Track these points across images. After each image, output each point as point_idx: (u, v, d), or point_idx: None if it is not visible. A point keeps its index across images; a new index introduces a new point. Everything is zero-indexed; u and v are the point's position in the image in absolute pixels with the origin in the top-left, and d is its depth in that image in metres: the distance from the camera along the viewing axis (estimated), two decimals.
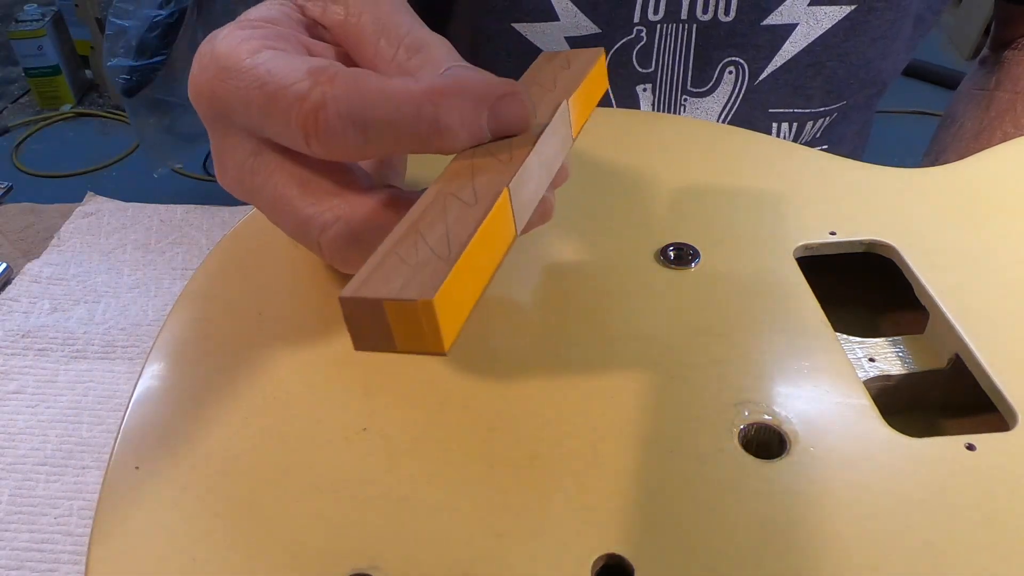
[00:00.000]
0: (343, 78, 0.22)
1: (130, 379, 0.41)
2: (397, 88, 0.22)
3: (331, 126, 0.22)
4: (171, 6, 1.88)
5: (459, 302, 0.18)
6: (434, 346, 0.17)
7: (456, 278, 0.17)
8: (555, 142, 0.23)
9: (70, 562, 0.33)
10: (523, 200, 0.21)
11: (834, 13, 0.46)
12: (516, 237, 0.20)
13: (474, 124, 0.22)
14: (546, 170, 0.23)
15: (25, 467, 0.37)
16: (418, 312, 0.17)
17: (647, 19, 0.46)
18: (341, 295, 0.17)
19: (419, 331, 0.17)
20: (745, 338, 0.29)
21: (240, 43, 0.24)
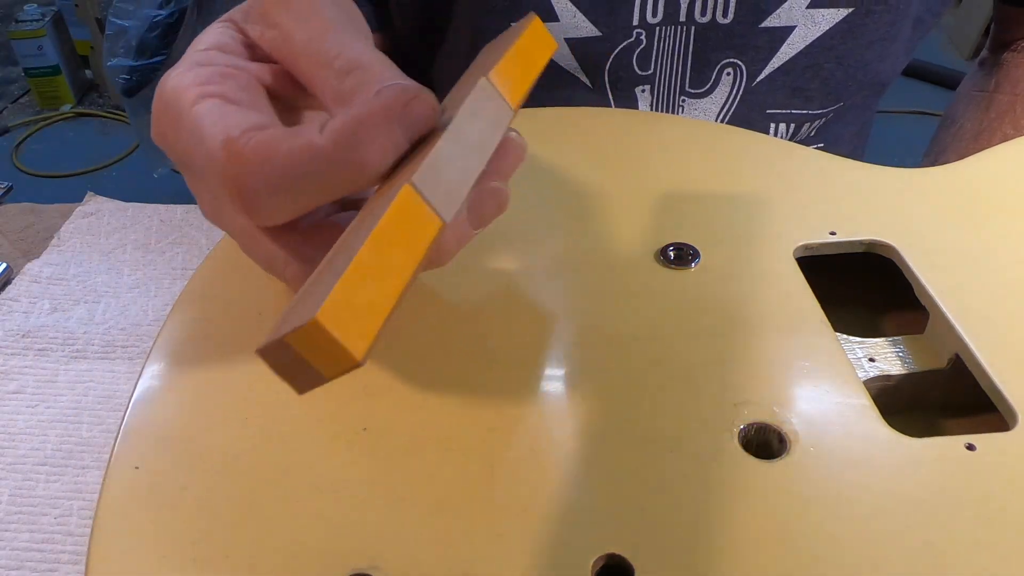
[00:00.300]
0: (253, 149, 0.22)
1: (130, 379, 0.41)
2: (304, 147, 0.21)
3: (251, 201, 0.22)
4: (171, 6, 1.88)
5: (361, 308, 0.17)
6: (347, 361, 0.17)
7: (348, 288, 0.17)
8: (479, 122, 0.22)
9: (70, 562, 0.33)
10: (444, 188, 0.20)
11: (832, 15, 0.46)
12: (444, 226, 0.20)
13: (390, 145, 0.21)
14: (475, 151, 0.22)
15: (25, 467, 0.37)
16: (313, 336, 0.17)
17: (646, 21, 0.46)
18: (257, 350, 0.18)
19: (327, 352, 0.17)
20: (745, 338, 0.29)
21: (184, 90, 0.24)
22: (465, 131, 0.22)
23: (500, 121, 0.23)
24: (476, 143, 0.22)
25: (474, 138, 0.22)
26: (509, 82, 0.24)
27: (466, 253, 0.32)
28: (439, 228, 0.20)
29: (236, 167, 0.22)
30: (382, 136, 0.21)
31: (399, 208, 0.19)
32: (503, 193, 0.24)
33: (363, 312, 0.17)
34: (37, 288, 0.47)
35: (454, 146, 0.21)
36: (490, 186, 0.23)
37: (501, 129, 0.23)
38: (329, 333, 0.17)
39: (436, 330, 0.29)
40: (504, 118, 0.23)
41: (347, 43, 0.24)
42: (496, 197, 0.24)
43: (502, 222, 0.34)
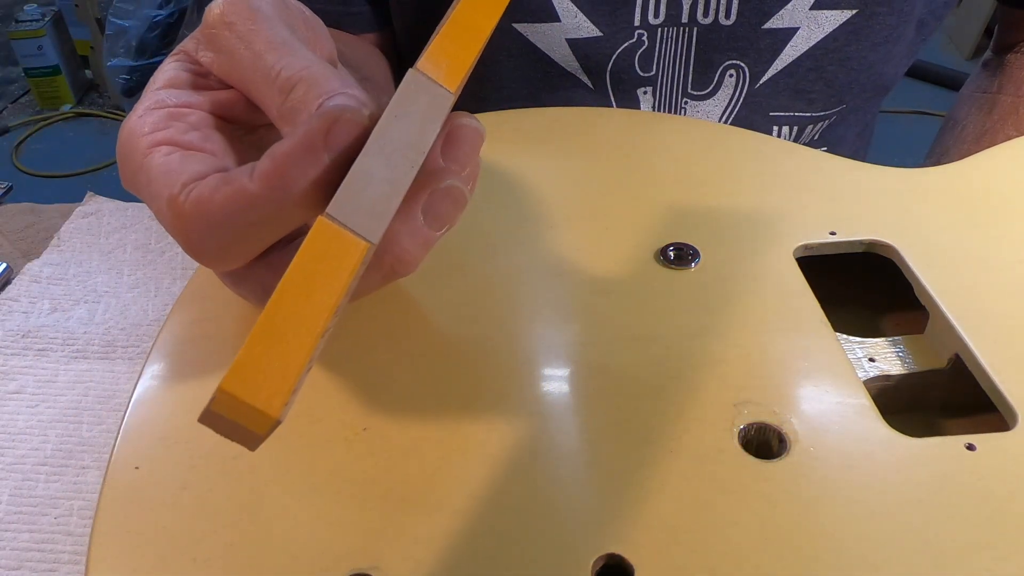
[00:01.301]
0: (192, 206, 0.22)
1: (130, 379, 0.41)
2: (236, 193, 0.21)
3: (200, 251, 0.23)
4: (171, 6, 1.88)
5: (272, 367, 0.17)
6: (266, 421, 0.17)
7: (254, 349, 0.17)
8: (408, 122, 0.21)
9: (70, 562, 0.33)
10: (367, 206, 0.19)
11: (836, 17, 0.46)
12: (371, 247, 0.19)
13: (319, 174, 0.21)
14: (403, 156, 0.21)
15: (25, 467, 0.37)
16: (228, 402, 0.17)
17: (647, 23, 0.46)
18: (198, 419, 0.18)
19: (246, 415, 0.17)
20: (745, 338, 0.29)
21: (138, 139, 0.24)
22: (390, 136, 0.21)
23: (437, 112, 0.22)
24: (406, 145, 0.21)
25: (403, 141, 0.21)
26: (444, 63, 0.22)
27: (466, 253, 0.32)
28: (365, 251, 0.19)
29: (180, 225, 0.22)
30: (309, 168, 0.21)
31: (312, 244, 0.18)
32: (457, 191, 0.23)
33: (274, 370, 0.17)
34: (37, 288, 0.47)
35: (376, 158, 0.20)
36: (442, 186, 0.23)
37: (439, 119, 0.22)
38: (239, 399, 0.17)
39: (436, 330, 0.29)
40: (442, 106, 0.22)
41: (288, 60, 0.24)
42: (450, 195, 0.23)
43: (503, 222, 0.34)
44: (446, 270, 0.32)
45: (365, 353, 0.29)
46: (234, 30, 0.25)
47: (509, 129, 0.40)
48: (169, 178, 0.23)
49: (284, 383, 0.17)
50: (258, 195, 0.21)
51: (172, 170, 0.23)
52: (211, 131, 0.25)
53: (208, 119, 0.26)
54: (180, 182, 0.23)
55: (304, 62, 0.24)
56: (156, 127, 0.24)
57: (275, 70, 0.23)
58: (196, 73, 0.26)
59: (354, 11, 0.51)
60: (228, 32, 0.25)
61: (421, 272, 0.32)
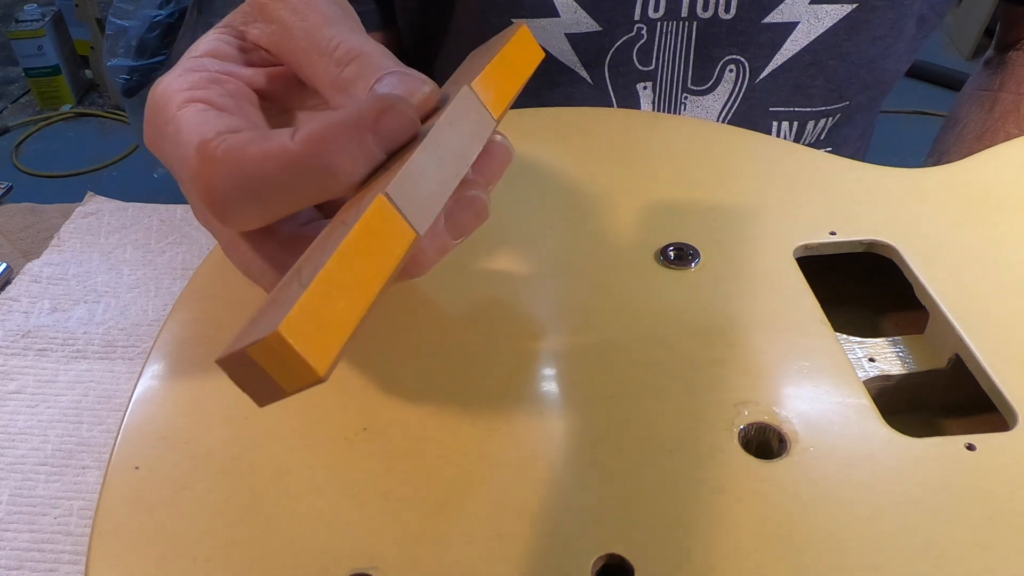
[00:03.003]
0: (224, 152, 0.22)
1: (130, 379, 0.41)
2: (275, 150, 0.21)
3: (221, 204, 0.22)
4: (171, 6, 1.88)
5: (327, 323, 0.17)
6: (309, 376, 0.17)
7: (314, 301, 0.17)
8: (459, 132, 0.22)
9: (70, 562, 0.33)
10: (419, 199, 0.20)
11: (835, 12, 0.46)
12: (417, 238, 0.20)
13: (362, 153, 0.21)
14: (453, 161, 0.22)
15: (25, 467, 0.37)
16: (275, 349, 0.16)
17: (647, 16, 0.46)
18: (216, 359, 0.17)
19: (288, 366, 0.17)
20: (745, 338, 0.29)
21: (172, 95, 0.24)
22: (444, 141, 0.21)
23: (481, 131, 0.23)
24: (455, 153, 0.22)
25: (453, 148, 0.22)
26: (492, 92, 0.24)
27: (466, 253, 0.32)
28: (413, 240, 0.20)
29: (207, 170, 0.22)
30: (353, 144, 0.21)
31: (371, 219, 0.19)
32: (481, 202, 0.24)
33: (328, 326, 0.17)
34: (37, 288, 0.47)
35: (431, 156, 0.21)
36: (468, 195, 0.23)
37: (482, 139, 0.23)
38: (292, 347, 0.16)
39: (436, 330, 0.29)
40: (486, 128, 0.23)
41: (345, 34, 0.24)
42: (474, 206, 0.23)
43: (503, 222, 0.34)
44: (445, 270, 0.32)
45: (365, 353, 0.29)
46: (288, 3, 0.25)
47: (509, 129, 0.39)
48: (205, 126, 0.23)
49: (336, 342, 0.17)
50: (296, 156, 0.21)
51: (208, 120, 0.23)
52: (247, 103, 0.25)
53: (246, 91, 0.26)
54: (215, 131, 0.23)
55: (360, 38, 0.24)
56: (195, 85, 0.24)
57: (333, 43, 0.24)
58: (239, 48, 0.27)
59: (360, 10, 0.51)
60: (282, 5, 0.25)
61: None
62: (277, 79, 0.27)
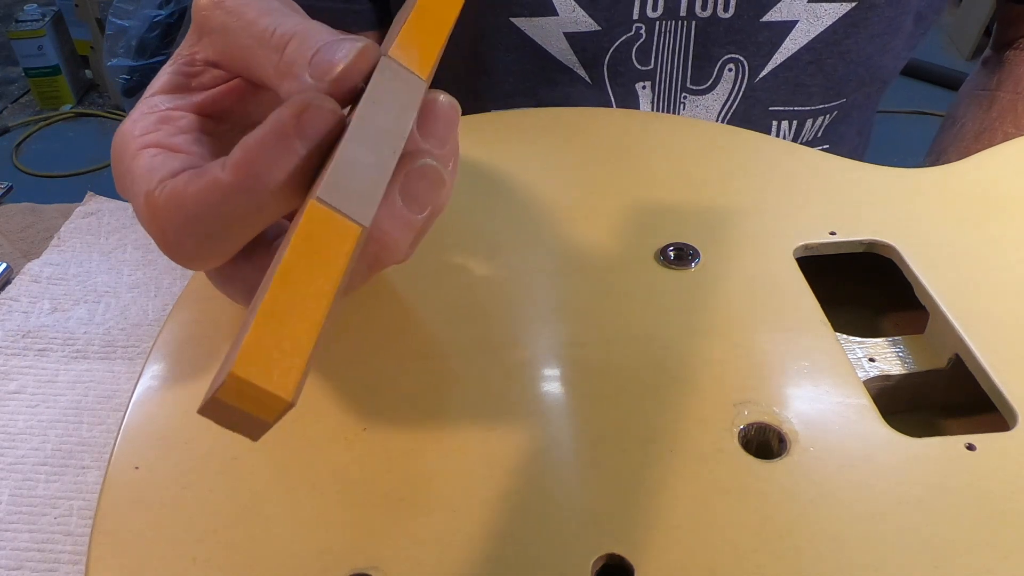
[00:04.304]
0: (166, 199, 0.22)
1: (130, 379, 0.41)
2: (208, 185, 0.21)
3: (176, 248, 0.23)
4: (171, 6, 1.88)
5: (281, 349, 0.17)
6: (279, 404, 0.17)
7: (262, 333, 0.17)
8: (386, 107, 0.22)
9: (70, 562, 0.33)
10: (356, 190, 0.20)
11: (834, 10, 0.46)
12: (364, 230, 0.19)
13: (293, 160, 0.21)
14: (385, 141, 0.21)
15: (25, 467, 0.37)
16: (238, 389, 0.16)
17: (646, 16, 0.46)
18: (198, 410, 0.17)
19: (257, 401, 0.16)
20: (745, 338, 0.29)
21: (127, 143, 0.25)
22: (371, 122, 0.21)
23: (411, 98, 0.22)
24: (386, 131, 0.21)
25: (383, 126, 0.21)
26: (415, 51, 0.23)
27: (466, 253, 0.32)
28: (359, 234, 0.19)
29: (154, 219, 0.22)
30: (280, 156, 0.21)
31: (307, 227, 0.18)
32: (432, 170, 0.23)
33: (283, 353, 0.17)
34: (37, 288, 0.47)
35: (360, 143, 0.21)
36: (417, 166, 0.22)
37: (414, 106, 0.22)
38: (253, 384, 0.16)
39: (436, 331, 0.29)
40: (415, 92, 0.23)
41: (280, 19, 0.24)
42: (427, 176, 0.23)
43: (502, 222, 0.34)
44: (445, 270, 0.32)
45: (365, 353, 0.29)
46: (224, 7, 0.25)
47: (508, 129, 0.40)
48: (151, 174, 0.23)
49: (295, 365, 0.17)
50: (230, 185, 0.21)
51: (155, 167, 0.23)
52: (200, 134, 0.26)
53: (197, 122, 0.26)
54: (157, 179, 0.23)
55: (296, 19, 0.24)
56: (146, 130, 0.25)
57: (269, 30, 0.24)
58: (189, 75, 0.27)
59: (356, 8, 0.51)
60: (219, 10, 0.25)
61: (421, 272, 0.32)
62: (231, 94, 0.27)
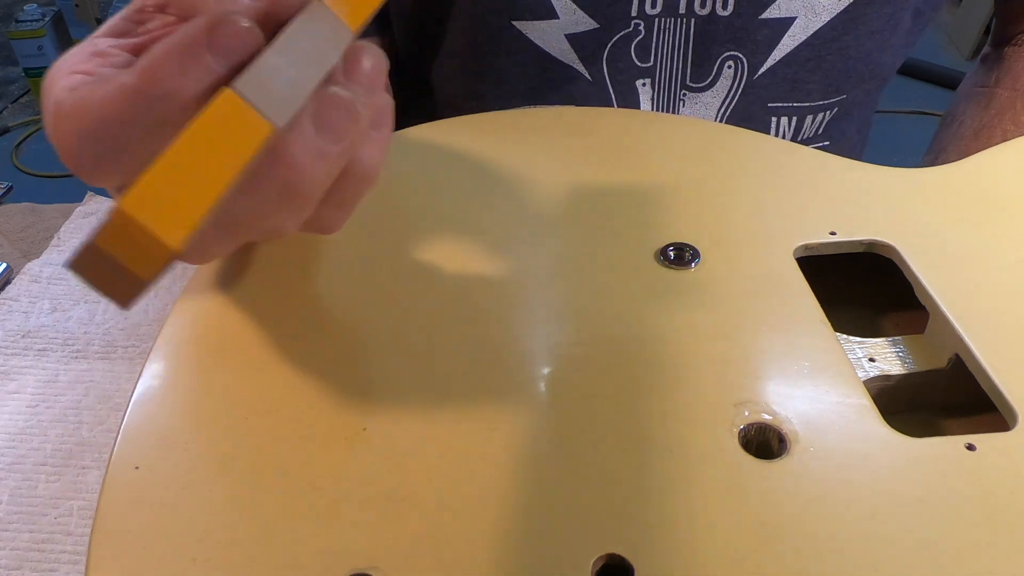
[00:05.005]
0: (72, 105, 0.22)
1: (130, 379, 0.41)
2: (115, 88, 0.21)
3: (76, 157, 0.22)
4: None
5: (174, 198, 0.17)
6: (161, 252, 0.17)
7: (155, 179, 0.17)
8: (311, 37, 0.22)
9: (70, 562, 0.33)
10: (273, 93, 0.20)
11: (833, 6, 0.46)
12: (274, 130, 0.20)
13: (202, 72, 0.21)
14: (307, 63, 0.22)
15: (25, 467, 0.37)
16: (121, 230, 0.16)
17: (645, 13, 0.46)
18: (65, 263, 0.17)
19: (138, 246, 0.17)
20: (745, 338, 0.29)
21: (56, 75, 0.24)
22: (295, 44, 0.22)
23: (336, 40, 0.23)
24: (308, 55, 0.22)
25: (306, 50, 0.22)
26: (347, 5, 0.23)
27: (466, 253, 0.32)
28: (270, 131, 0.20)
29: (59, 126, 0.22)
30: (189, 65, 0.21)
31: (217, 109, 0.19)
32: (345, 99, 0.23)
33: (175, 201, 0.17)
34: (37, 288, 0.47)
35: (281, 56, 0.21)
36: (330, 92, 0.22)
37: (338, 48, 0.23)
38: (137, 222, 0.16)
39: (436, 330, 0.29)
40: (342, 37, 0.23)
41: None
42: (340, 105, 0.22)
43: (502, 222, 0.34)
44: (445, 270, 0.32)
45: (365, 353, 0.29)
46: None
47: (508, 129, 0.40)
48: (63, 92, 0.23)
49: (187, 218, 0.17)
50: (134, 88, 0.21)
51: (71, 86, 0.23)
52: None
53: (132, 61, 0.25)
54: (69, 88, 0.22)
55: None
56: (77, 62, 0.24)
57: None
58: (137, 21, 0.26)
59: None
60: None
61: (421, 271, 0.32)
62: None
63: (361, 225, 0.34)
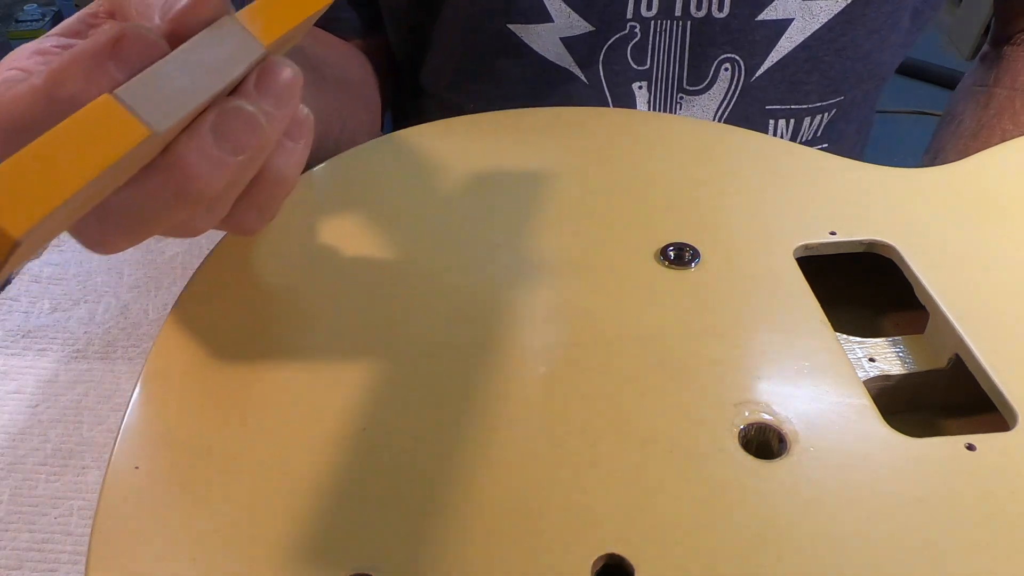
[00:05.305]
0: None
1: (130, 379, 0.41)
2: (24, 89, 0.22)
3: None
4: None
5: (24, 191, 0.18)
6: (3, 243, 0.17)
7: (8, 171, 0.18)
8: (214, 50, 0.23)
9: (70, 562, 0.33)
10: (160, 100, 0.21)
11: (830, 7, 0.46)
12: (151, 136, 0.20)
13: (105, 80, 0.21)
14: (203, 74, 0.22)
15: (25, 467, 0.37)
16: None
17: (640, 15, 0.46)
18: None
19: None
20: (745, 338, 0.29)
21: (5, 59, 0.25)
22: (195, 55, 0.22)
23: (244, 54, 0.23)
24: (207, 67, 0.22)
25: (205, 62, 0.22)
26: (262, 21, 0.24)
27: (466, 253, 0.32)
28: (145, 136, 0.20)
29: None
30: (93, 71, 0.21)
31: (90, 112, 0.19)
32: (246, 112, 0.23)
33: (25, 192, 0.18)
34: (37, 288, 0.47)
35: (176, 65, 0.22)
36: (232, 104, 0.23)
37: (244, 62, 0.23)
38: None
39: (436, 330, 0.29)
40: (251, 52, 0.24)
41: None
42: (240, 116, 0.23)
43: (502, 222, 0.34)
44: (445, 270, 0.32)
45: (365, 353, 0.29)
46: None
47: (509, 129, 0.40)
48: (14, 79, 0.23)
49: (34, 211, 0.18)
50: (41, 90, 0.21)
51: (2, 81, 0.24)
52: None
53: None
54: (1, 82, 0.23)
55: None
56: (16, 59, 0.25)
57: None
58: (89, 24, 0.27)
59: (342, 16, 0.52)
60: None
61: (421, 271, 0.32)
62: None
63: (360, 225, 0.34)
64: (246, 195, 0.26)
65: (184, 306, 0.31)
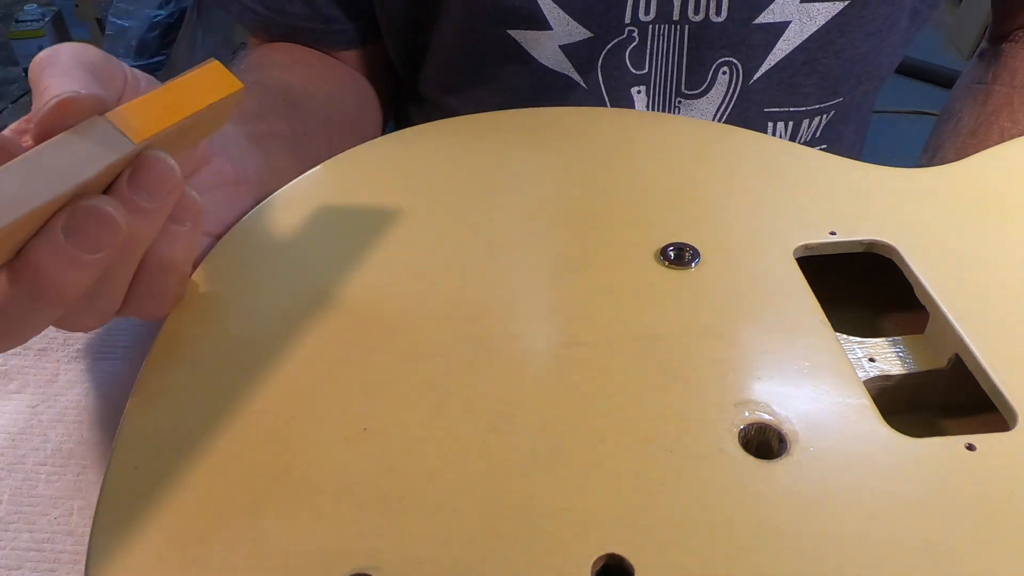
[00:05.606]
0: None
1: (130, 379, 0.41)
2: None
3: None
4: (171, 6, 1.88)
5: None
6: None
7: None
8: (69, 151, 0.24)
9: (70, 562, 0.33)
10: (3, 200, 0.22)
11: (827, 9, 0.46)
12: None
13: None
14: (52, 176, 0.23)
15: (25, 467, 0.37)
16: None
17: (638, 20, 0.46)
18: None
19: None
20: (745, 338, 0.29)
21: None
22: (45, 157, 0.23)
23: (107, 153, 0.24)
24: (55, 169, 0.23)
25: (55, 163, 0.23)
26: (137, 120, 0.25)
27: (466, 253, 0.32)
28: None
29: None
30: None
31: None
32: (99, 211, 0.24)
33: None
34: None
35: (20, 166, 0.23)
36: (82, 204, 0.24)
37: (105, 159, 0.24)
38: None
39: (436, 330, 0.29)
40: (116, 150, 0.25)
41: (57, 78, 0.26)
42: (91, 215, 0.24)
43: (502, 222, 0.34)
44: (445, 270, 0.32)
45: (365, 353, 0.29)
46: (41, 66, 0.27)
47: (509, 129, 0.40)
48: None
49: None
50: None
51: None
52: None
53: None
54: None
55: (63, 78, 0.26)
56: None
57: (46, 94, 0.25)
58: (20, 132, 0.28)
59: (337, 29, 0.52)
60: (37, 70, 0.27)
61: (421, 271, 0.32)
62: None
63: (360, 224, 0.34)
64: (137, 284, 0.27)
65: (184, 306, 0.31)
